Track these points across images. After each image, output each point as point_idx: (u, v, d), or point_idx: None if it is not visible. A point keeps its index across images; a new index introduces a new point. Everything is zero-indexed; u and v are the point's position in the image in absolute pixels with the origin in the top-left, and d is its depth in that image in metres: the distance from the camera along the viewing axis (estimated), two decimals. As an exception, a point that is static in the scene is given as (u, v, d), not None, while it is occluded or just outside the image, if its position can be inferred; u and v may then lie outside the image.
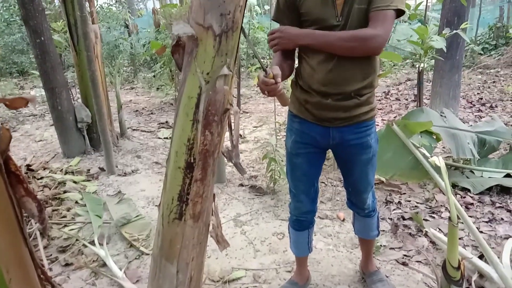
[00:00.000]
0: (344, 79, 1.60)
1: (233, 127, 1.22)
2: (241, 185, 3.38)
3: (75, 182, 3.51)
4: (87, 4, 3.95)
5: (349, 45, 1.50)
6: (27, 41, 6.97)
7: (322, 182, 3.29)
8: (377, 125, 4.91)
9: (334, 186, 3.23)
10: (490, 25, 8.41)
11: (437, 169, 2.24)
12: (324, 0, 1.56)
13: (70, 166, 3.86)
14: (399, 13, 1.54)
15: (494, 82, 6.72)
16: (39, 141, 4.82)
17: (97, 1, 10.81)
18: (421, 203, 2.93)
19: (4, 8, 8.94)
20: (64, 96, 3.96)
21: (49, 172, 3.70)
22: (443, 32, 3.25)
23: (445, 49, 3.13)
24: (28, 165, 3.74)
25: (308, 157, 1.79)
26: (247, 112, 5.86)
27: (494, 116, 3.85)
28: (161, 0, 18.61)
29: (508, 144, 3.63)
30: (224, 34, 1.07)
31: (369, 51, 1.53)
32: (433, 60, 5.13)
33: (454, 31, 3.17)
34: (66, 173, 3.70)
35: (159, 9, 9.41)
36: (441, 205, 2.88)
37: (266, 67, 1.41)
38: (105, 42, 8.26)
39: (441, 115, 3.60)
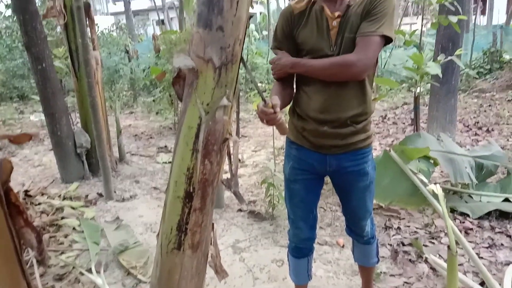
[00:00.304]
0: (340, 107, 1.62)
1: (232, 156, 1.23)
2: (240, 210, 3.36)
3: (73, 208, 3.49)
4: (88, 31, 4.03)
5: (330, 72, 1.56)
6: (28, 66, 7.05)
7: (321, 207, 3.29)
8: (375, 149, 4.95)
9: (333, 211, 3.22)
10: (484, 50, 8.56)
11: (435, 195, 2.25)
12: (319, 30, 1.60)
13: (68, 191, 3.85)
14: (387, 39, 1.55)
15: (490, 105, 6.79)
16: (37, 166, 4.82)
17: (98, 27, 11.01)
18: (420, 228, 2.92)
19: (7, 34, 9.08)
20: (64, 121, 3.99)
21: (47, 197, 3.69)
22: (438, 58, 3.31)
23: (440, 75, 3.18)
24: (26, 191, 3.73)
25: (306, 184, 1.80)
26: (245, 136, 5.89)
27: (490, 140, 3.89)
28: (161, 26, 18.98)
29: (505, 168, 3.64)
30: (224, 66, 1.10)
31: (350, 77, 1.56)
32: (429, 84, 5.21)
33: (449, 58, 3.23)
34: (64, 198, 3.69)
35: (159, 35, 9.59)
36: (441, 230, 2.87)
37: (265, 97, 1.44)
38: (106, 67, 8.36)
39: (438, 139, 3.63)
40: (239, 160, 4.68)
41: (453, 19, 3.15)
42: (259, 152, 5.09)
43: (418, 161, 3.29)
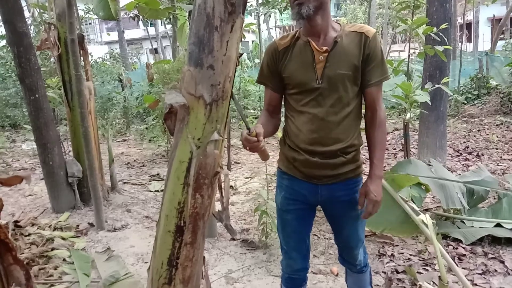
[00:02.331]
0: (329, 139, 1.66)
1: (223, 189, 1.25)
2: (233, 239, 3.34)
3: (63, 238, 3.44)
4: (82, 61, 4.08)
5: (386, 135, 1.79)
6: (21, 95, 7.08)
7: (315, 235, 3.28)
8: (366, 174, 4.96)
9: (327, 239, 3.21)
10: (471, 76, 8.77)
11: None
12: (304, 64, 1.65)
13: (59, 221, 3.80)
14: None
15: (479, 130, 6.90)
16: (28, 195, 4.77)
17: (92, 56, 11.13)
18: (414, 255, 2.91)
19: (1, 64, 9.14)
20: (56, 151, 3.99)
21: (37, 228, 3.63)
22: (426, 86, 3.39)
23: (429, 102, 3.25)
24: (16, 222, 3.68)
25: (298, 214, 1.81)
26: (238, 163, 5.90)
27: (480, 165, 3.94)
28: (155, 55, 19.20)
29: (496, 193, 3.67)
30: (215, 102, 1.13)
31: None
32: (419, 110, 5.30)
33: (437, 86, 3.31)
34: (54, 229, 3.64)
35: (152, 64, 9.71)
36: (434, 257, 2.86)
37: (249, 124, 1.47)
38: (99, 96, 8.41)
39: (429, 165, 3.67)
40: (232, 187, 4.68)
41: (439, 48, 3.25)
42: (252, 179, 5.09)
43: (410, 188, 3.32)
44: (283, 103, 1.83)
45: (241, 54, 1.20)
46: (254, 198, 4.24)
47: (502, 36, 14.81)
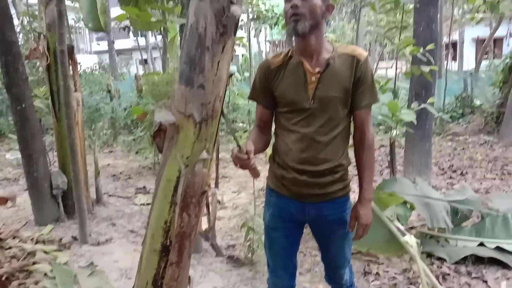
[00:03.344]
0: (318, 158, 1.67)
1: (210, 208, 1.24)
2: (218, 255, 3.31)
3: (45, 252, 3.36)
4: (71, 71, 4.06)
5: (374, 157, 1.83)
6: (7, 104, 6.97)
7: (301, 252, 3.26)
8: (353, 191, 4.98)
9: (313, 256, 3.21)
10: (456, 95, 8.95)
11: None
12: (297, 84, 1.67)
13: (42, 234, 3.72)
14: None
15: (463, 149, 7.02)
16: (10, 207, 4.66)
17: (81, 66, 11.07)
18: (399, 274, 2.92)
19: (-14, 72, 9.02)
20: (41, 162, 3.93)
21: (19, 241, 3.54)
22: (412, 106, 3.45)
23: (415, 122, 3.31)
24: (-3, 234, 3.59)
25: (286, 232, 1.81)
26: (226, 177, 5.88)
27: (464, 185, 4.00)
28: (144, 66, 19.16)
29: (480, 212, 3.73)
30: (204, 121, 1.13)
31: None
32: (405, 128, 5.38)
33: (422, 105, 3.38)
34: (37, 242, 3.56)
35: (141, 76, 9.69)
36: (419, 276, 2.88)
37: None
38: (87, 106, 8.34)
39: (414, 183, 3.71)
40: (219, 202, 4.66)
41: (425, 69, 3.32)
42: (239, 193, 5.08)
43: (395, 206, 3.35)
44: (274, 119, 1.84)
45: (232, 74, 1.22)
46: (241, 213, 4.24)
47: (486, 56, 15.19)
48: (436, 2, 4.93)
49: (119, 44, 24.74)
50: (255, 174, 1.68)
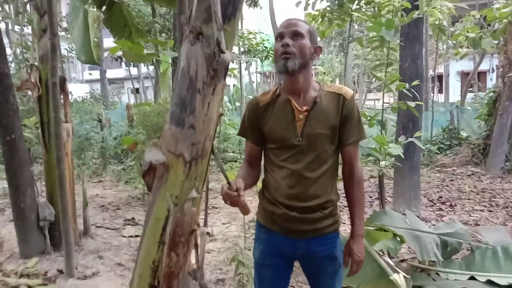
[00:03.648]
0: (307, 194, 1.69)
1: (199, 247, 1.24)
2: (208, 290, 3.25)
3: (30, 286, 3.28)
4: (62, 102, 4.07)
5: (363, 192, 1.84)
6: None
7: (291, 286, 3.22)
8: (344, 222, 4.98)
9: (303, 290, 3.17)
10: (443, 127, 9.12)
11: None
12: (285, 121, 1.71)
13: (27, 268, 3.63)
14: None
15: (451, 180, 7.10)
16: (-6, 239, 4.56)
17: (72, 95, 11.10)
18: (390, 309, 2.89)
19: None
20: (28, 193, 3.87)
21: (2, 275, 3.46)
22: (399, 139, 3.52)
23: (402, 156, 3.37)
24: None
25: (276, 268, 1.81)
26: (216, 208, 5.84)
27: (453, 217, 4.03)
28: (136, 95, 19.25)
29: (469, 245, 3.74)
30: (194, 161, 1.15)
31: None
32: (393, 159, 5.46)
33: (409, 139, 3.44)
34: (21, 276, 3.47)
35: (133, 105, 9.75)
36: (410, 311, 2.85)
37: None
38: (77, 135, 8.32)
39: (404, 215, 3.73)
40: (208, 233, 4.60)
41: (411, 104, 3.41)
42: (229, 225, 5.03)
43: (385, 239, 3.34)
44: (263, 155, 1.87)
45: (222, 114, 1.25)
46: (231, 246, 4.18)
47: (471, 89, 15.60)
48: (421, 39, 5.11)
49: (111, 73, 24.93)
50: (245, 211, 1.68)
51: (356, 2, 7.25)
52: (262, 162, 1.89)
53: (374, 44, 3.39)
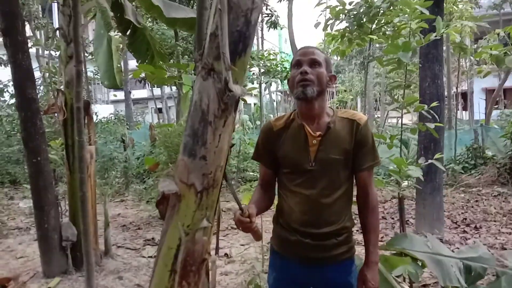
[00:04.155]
0: (321, 221, 1.69)
1: (210, 275, 1.26)
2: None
3: (51, 306, 3.35)
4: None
5: (378, 219, 1.85)
6: (23, 153, 7.19)
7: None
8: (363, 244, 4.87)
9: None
10: (468, 146, 8.91)
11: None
12: (298, 146, 1.73)
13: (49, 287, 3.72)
14: None
15: (476, 201, 6.89)
16: (20, 257, 4.69)
17: (97, 116, 11.43)
18: (411, 337, 2.81)
19: (7, 121, 9.38)
20: (52, 214, 3.99)
21: (25, 294, 3.55)
22: (419, 161, 3.46)
23: (422, 178, 3.32)
24: (3, 286, 3.60)
25: (290, 296, 1.79)
26: (234, 228, 5.84)
27: (477, 241, 3.90)
28: (159, 115, 19.60)
29: (494, 270, 3.61)
30: (205, 191, 1.18)
31: None
32: (415, 179, 5.35)
33: (429, 161, 3.39)
34: (43, 296, 3.55)
35: (155, 125, 9.95)
36: None
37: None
38: (101, 155, 8.52)
39: (425, 239, 3.64)
40: (227, 255, 4.61)
41: (431, 126, 3.37)
42: (248, 246, 5.02)
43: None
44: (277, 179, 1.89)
45: (233, 145, 1.28)
46: (249, 269, 4.17)
47: (496, 106, 15.25)
48: (440, 59, 5.07)
49: (136, 93, 25.59)
50: (257, 237, 1.69)
51: (376, 22, 7.28)
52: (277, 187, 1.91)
53: (392, 66, 3.39)
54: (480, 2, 19.27)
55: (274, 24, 10.96)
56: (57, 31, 4.37)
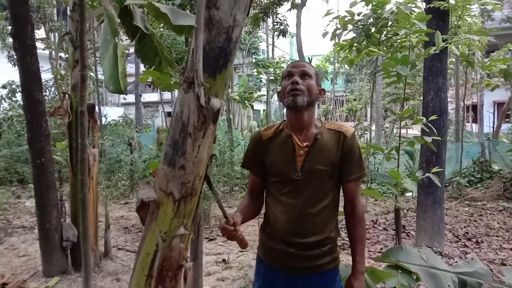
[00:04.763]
0: (305, 231, 1.73)
1: (187, 281, 1.30)
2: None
3: (47, 305, 3.41)
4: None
5: (365, 230, 1.88)
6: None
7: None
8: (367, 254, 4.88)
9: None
10: (474, 159, 8.84)
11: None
12: (286, 156, 1.77)
13: (47, 287, 3.79)
14: None
15: (480, 215, 6.83)
16: (22, 256, 4.78)
17: (106, 118, 11.59)
18: None
19: (18, 121, 9.57)
20: (54, 214, 4.07)
21: (24, 292, 3.62)
22: (417, 174, 3.47)
23: (416, 193, 3.34)
24: (4, 284, 3.68)
25: (273, 305, 1.82)
26: (235, 235, 5.87)
27: (474, 256, 3.88)
28: (167, 119, 19.76)
29: (490, 286, 3.58)
30: (183, 199, 1.23)
31: None
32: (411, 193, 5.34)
33: (427, 175, 3.40)
34: (41, 294, 3.62)
35: (162, 129, 10.05)
36: None
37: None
38: (108, 158, 8.64)
39: (420, 252, 3.64)
40: (224, 261, 4.64)
41: (428, 139, 3.38)
42: (245, 252, 5.04)
43: (400, 276, 3.27)
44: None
45: (213, 155, 1.33)
46: (245, 275, 4.19)
47: (507, 119, 15.08)
48: (444, 72, 5.08)
49: (147, 97, 25.83)
50: (242, 245, 1.73)
51: (384, 33, 7.29)
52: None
53: (392, 79, 3.42)
54: (493, 15, 19.16)
55: (283, 33, 11.03)
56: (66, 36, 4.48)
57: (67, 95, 4.27)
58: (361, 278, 1.78)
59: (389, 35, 7.41)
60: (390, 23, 6.85)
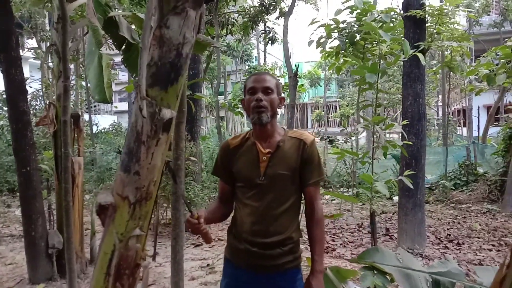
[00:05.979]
0: (268, 231, 1.85)
1: (142, 279, 1.40)
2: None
3: (32, 311, 3.48)
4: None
5: (324, 231, 1.95)
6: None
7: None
8: (346, 258, 4.97)
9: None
10: (460, 163, 9.00)
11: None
12: (250, 162, 1.90)
13: (32, 293, 3.86)
14: None
15: (464, 217, 6.96)
16: (9, 264, 4.84)
17: (97, 127, 11.65)
18: None
19: (8, 131, 9.63)
20: (39, 222, 4.15)
21: (9, 299, 3.69)
22: (390, 177, 3.59)
23: (388, 195, 3.44)
24: (-11, 292, 3.74)
25: (240, 302, 1.93)
26: (221, 240, 5.95)
27: (448, 257, 3.98)
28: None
29: (463, 285, 3.69)
30: (139, 203, 1.33)
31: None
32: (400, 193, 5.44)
33: (399, 178, 3.51)
34: (25, 301, 3.69)
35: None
36: None
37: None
38: (98, 166, 8.71)
39: (396, 253, 3.74)
40: (208, 265, 4.72)
41: (399, 143, 3.51)
42: (232, 257, 5.13)
43: (374, 276, 3.37)
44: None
45: (168, 161, 1.43)
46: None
47: (496, 123, 15.30)
48: (422, 78, 5.22)
49: (140, 104, 25.83)
50: (207, 239, 1.85)
51: (369, 40, 7.46)
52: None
53: (364, 86, 3.55)
54: (481, 21, 19.43)
55: (272, 40, 11.20)
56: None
57: (52, 105, 4.37)
58: (319, 277, 1.89)
59: (373, 42, 7.58)
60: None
